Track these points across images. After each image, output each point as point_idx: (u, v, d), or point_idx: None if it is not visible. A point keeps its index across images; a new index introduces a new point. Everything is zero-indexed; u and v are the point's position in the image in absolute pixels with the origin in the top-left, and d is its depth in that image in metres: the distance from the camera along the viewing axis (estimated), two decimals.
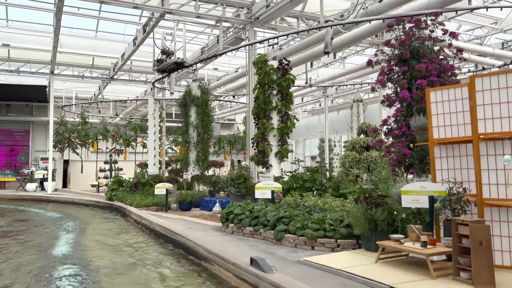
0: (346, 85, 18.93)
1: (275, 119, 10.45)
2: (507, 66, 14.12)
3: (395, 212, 6.39)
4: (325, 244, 7.18)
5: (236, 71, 20.25)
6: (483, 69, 14.71)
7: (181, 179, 20.67)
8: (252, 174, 12.31)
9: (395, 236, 5.80)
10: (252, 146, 10.87)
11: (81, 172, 24.33)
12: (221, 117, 31.39)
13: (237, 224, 8.87)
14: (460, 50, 8.84)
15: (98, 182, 20.39)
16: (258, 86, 10.60)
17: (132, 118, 28.51)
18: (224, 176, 12.47)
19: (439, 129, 6.53)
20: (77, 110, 27.90)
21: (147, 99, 23.07)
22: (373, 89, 9.14)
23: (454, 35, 8.84)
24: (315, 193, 9.81)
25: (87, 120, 24.52)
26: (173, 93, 16.74)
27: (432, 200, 6.05)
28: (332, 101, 28.93)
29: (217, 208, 12.91)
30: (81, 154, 25.26)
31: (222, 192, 15.20)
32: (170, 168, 23.99)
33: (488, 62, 14.87)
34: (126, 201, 14.66)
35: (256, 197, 9.53)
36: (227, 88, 21.12)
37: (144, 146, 23.27)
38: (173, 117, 29.82)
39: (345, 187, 9.50)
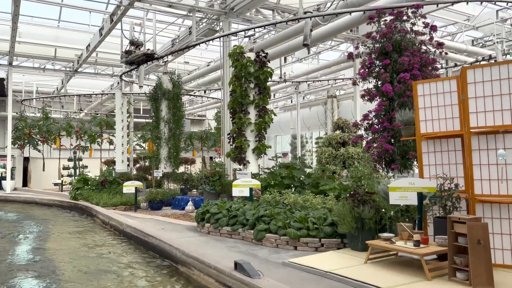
0: (321, 81, 18.73)
1: (252, 114, 10.03)
2: (478, 62, 14.29)
3: (383, 210, 6.13)
4: (308, 244, 6.85)
5: (208, 65, 19.68)
6: (455, 65, 14.84)
7: (149, 177, 19.95)
8: (227, 171, 11.85)
9: (385, 235, 5.53)
10: (228, 142, 10.41)
11: (43, 170, 23.06)
12: (191, 112, 30.66)
13: (214, 224, 8.43)
14: (440, 44, 8.73)
15: (62, 181, 19.34)
16: (234, 79, 10.14)
17: (97, 114, 27.35)
18: (197, 173, 11.96)
19: (427, 123, 6.32)
20: (38, 105, 26.46)
21: (114, 93, 22.15)
22: (354, 83, 8.89)
23: (435, 28, 8.72)
24: (294, 190, 9.48)
25: (49, 115, 23.22)
26: (142, 87, 16.00)
27: (421, 196, 5.82)
28: (303, 98, 28.84)
29: (190, 207, 12.42)
30: (43, 151, 23.96)
31: (195, 190, 14.69)
32: (138, 165, 23.16)
33: (459, 58, 15.03)
34: (92, 201, 13.89)
35: (233, 195, 9.10)
36: (198, 83, 20.50)
37: (111, 142, 22.34)
38: (141, 112, 28.88)
39: (324, 184, 9.22)
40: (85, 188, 15.63)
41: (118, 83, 23.84)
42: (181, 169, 19.83)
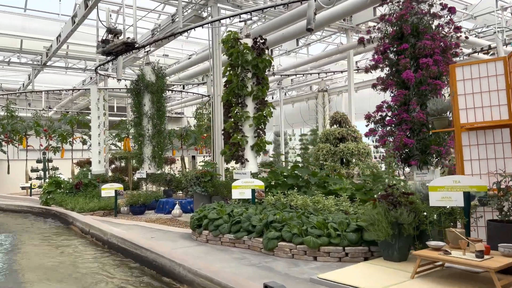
0: (311, 74, 17.88)
1: (250, 107, 9.01)
2: (477, 53, 13.81)
3: (423, 213, 5.27)
4: (330, 254, 5.92)
5: (189, 58, 18.49)
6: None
7: (126, 178, 18.59)
8: (218, 170, 10.80)
9: (433, 243, 4.66)
10: (224, 139, 9.37)
11: (8, 172, 21.19)
12: (168, 109, 29.21)
13: (214, 231, 7.39)
14: (458, 28, 7.98)
15: (31, 184, 17.72)
16: (229, 68, 9.10)
17: (67, 111, 25.56)
18: (185, 174, 10.86)
19: (468, 112, 5.50)
20: (1, 102, 24.44)
21: (87, 89, 20.63)
22: (366, 70, 8.02)
23: (453, 10, 7.95)
24: (299, 190, 8.54)
25: (13, 113, 21.26)
26: (120, 80, 14.69)
27: (468, 197, 4.99)
28: (285, 94, 28.00)
29: (177, 210, 11.34)
30: (7, 152, 22.04)
31: (181, 192, 13.56)
32: (113, 166, 21.70)
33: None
34: (67, 206, 12.55)
35: (233, 197, 8.08)
36: (180, 77, 19.26)
37: (84, 142, 20.76)
38: (115, 110, 27.29)
39: (333, 183, 8.33)
40: (57, 191, 14.23)
41: (91, 78, 22.27)
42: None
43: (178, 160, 22.67)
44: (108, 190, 12.01)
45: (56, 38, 15.66)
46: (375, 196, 6.23)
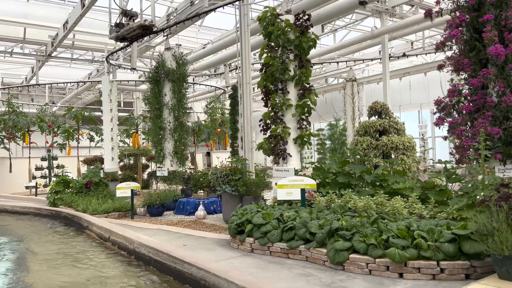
0: (339, 62, 16.68)
1: (292, 93, 7.81)
2: None
3: None
4: (421, 270, 4.75)
5: (204, 48, 17.27)
6: None
7: (136, 176, 17.43)
8: (249, 167, 9.62)
9: None
10: (261, 131, 8.16)
11: (10, 171, 19.98)
12: None
13: (261, 239, 6.21)
14: None
15: (36, 183, 16.54)
16: (266, 49, 7.88)
17: (72, 107, 24.32)
18: (214, 170, 9.68)
19: None
20: (3, 97, 23.21)
21: (96, 81, 19.48)
22: (437, 48, 6.80)
23: None
24: (351, 190, 7.35)
25: (15, 108, 19.98)
26: (135, 69, 13.48)
27: None
28: None
29: (201, 212, 10.23)
30: (10, 149, 20.81)
31: (201, 191, 12.39)
32: (122, 164, 20.52)
33: None
34: (78, 207, 11.38)
35: (278, 198, 6.91)
36: (194, 67, 18.04)
37: (91, 139, 19.54)
38: (122, 105, 26.13)
39: (395, 182, 7.14)
40: (66, 191, 13.06)
41: (97, 70, 21.06)
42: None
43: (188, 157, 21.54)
44: (123, 190, 10.86)
45: (62, 25, 14.46)
46: (480, 198, 5.04)
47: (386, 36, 13.51)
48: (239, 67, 9.88)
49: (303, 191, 6.77)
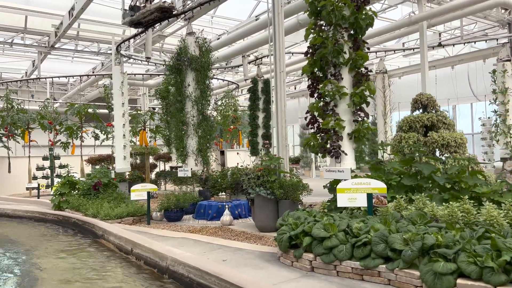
0: (369, 52, 15.47)
1: (346, 80, 6.64)
2: None
3: None
4: None
5: (218, 39, 16.09)
6: None
7: (143, 176, 16.28)
8: (284, 167, 8.45)
9: None
10: (308, 124, 6.98)
11: (9, 171, 18.71)
12: None
13: (324, 256, 5.05)
14: None
15: (39, 184, 15.32)
16: (316, 28, 6.70)
17: (75, 104, 23.05)
18: (247, 171, 8.51)
19: None
20: (1, 93, 21.90)
21: (103, 74, 18.28)
22: None
23: None
24: (422, 194, 6.18)
25: (15, 104, 18.66)
26: (149, 59, 12.27)
27: None
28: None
29: (227, 217, 9.20)
30: (11, 148, 19.52)
31: (223, 193, 11.21)
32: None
33: None
34: (87, 211, 10.21)
35: (339, 204, 5.75)
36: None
37: (96, 137, 18.29)
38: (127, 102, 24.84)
39: (476, 185, 5.98)
40: (72, 193, 11.88)
41: (102, 64, 19.82)
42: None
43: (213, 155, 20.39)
44: (139, 192, 9.71)
45: (68, 12, 13.25)
46: None
47: (424, 23, 12.34)
48: (271, 54, 8.74)
49: (370, 196, 5.61)
